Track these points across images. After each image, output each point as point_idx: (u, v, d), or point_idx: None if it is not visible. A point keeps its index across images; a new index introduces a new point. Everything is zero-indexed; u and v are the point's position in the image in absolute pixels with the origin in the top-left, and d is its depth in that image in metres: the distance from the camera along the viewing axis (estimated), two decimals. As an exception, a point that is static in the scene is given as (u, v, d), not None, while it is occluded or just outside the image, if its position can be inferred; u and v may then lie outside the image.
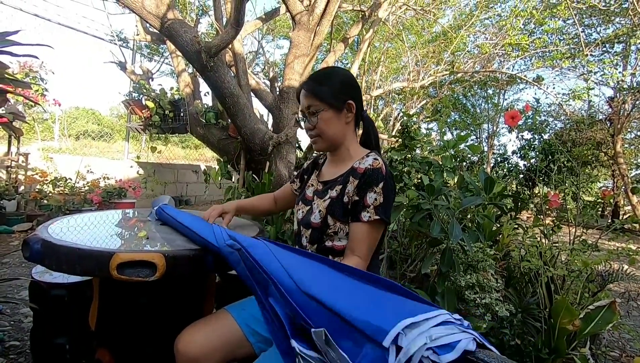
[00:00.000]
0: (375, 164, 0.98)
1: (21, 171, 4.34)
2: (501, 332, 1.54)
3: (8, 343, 1.66)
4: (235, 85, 2.98)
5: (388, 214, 0.98)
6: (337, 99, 1.03)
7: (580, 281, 1.63)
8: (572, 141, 6.64)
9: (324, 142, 1.06)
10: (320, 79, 1.06)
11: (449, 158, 1.87)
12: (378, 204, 0.96)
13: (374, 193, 0.96)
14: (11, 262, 2.87)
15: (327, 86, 1.04)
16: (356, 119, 1.09)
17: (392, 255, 2.08)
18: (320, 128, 1.04)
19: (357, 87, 1.09)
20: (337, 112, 1.04)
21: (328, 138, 1.05)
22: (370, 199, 0.96)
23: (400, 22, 6.62)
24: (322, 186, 1.10)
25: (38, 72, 4.27)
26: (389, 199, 0.97)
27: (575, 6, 5.14)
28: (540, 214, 2.18)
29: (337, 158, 1.10)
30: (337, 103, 1.03)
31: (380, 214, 0.95)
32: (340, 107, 1.04)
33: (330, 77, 1.06)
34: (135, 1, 2.52)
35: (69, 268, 0.87)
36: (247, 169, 3.44)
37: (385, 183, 0.97)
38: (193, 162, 9.10)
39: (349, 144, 1.08)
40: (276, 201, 1.33)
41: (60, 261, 0.87)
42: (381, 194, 0.96)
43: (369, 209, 0.96)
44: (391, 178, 1.01)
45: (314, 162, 1.23)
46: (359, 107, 1.08)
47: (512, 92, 12.30)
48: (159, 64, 6.70)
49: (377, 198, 0.96)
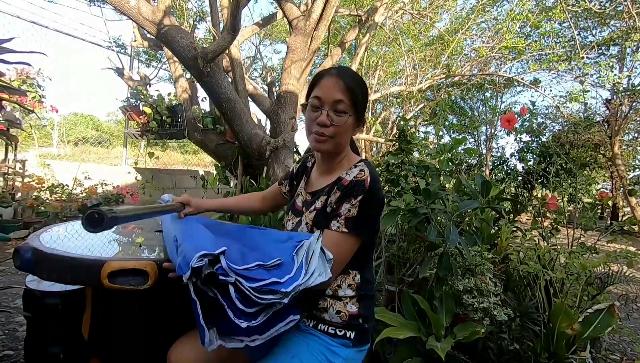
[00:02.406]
0: (359, 176, 0.91)
1: (18, 178, 4.33)
2: (500, 337, 1.52)
3: (2, 353, 1.64)
4: (232, 90, 2.98)
5: (359, 229, 0.89)
6: (361, 111, 0.99)
7: (579, 284, 1.62)
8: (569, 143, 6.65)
9: (332, 145, 0.97)
10: (357, 83, 0.97)
11: (445, 162, 1.87)
12: (350, 216, 0.89)
13: (349, 204, 0.89)
14: (7, 270, 2.85)
15: (362, 94, 0.97)
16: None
17: (390, 259, 2.07)
18: (337, 131, 0.95)
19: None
20: (355, 123, 0.99)
21: (339, 143, 0.98)
22: (344, 210, 0.89)
23: (397, 26, 6.66)
24: (310, 196, 1.06)
25: (35, 79, 4.27)
26: (364, 214, 0.89)
27: (570, 9, 5.17)
28: (538, 216, 2.17)
29: (329, 166, 1.04)
30: (360, 116, 0.99)
31: (349, 227, 0.88)
32: (359, 119, 1.00)
33: (363, 86, 0.99)
34: (132, 8, 2.52)
35: (60, 277, 0.86)
36: (244, 174, 3.43)
37: (364, 197, 0.89)
38: (192, 167, 9.09)
39: (343, 154, 1.04)
40: (264, 200, 1.30)
41: (50, 270, 0.86)
42: (356, 207, 0.89)
43: (340, 220, 0.90)
44: (374, 192, 0.91)
45: (303, 165, 1.18)
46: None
47: (510, 95, 12.36)
48: (156, 70, 6.71)
49: (351, 210, 0.89)
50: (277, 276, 0.75)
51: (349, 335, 0.91)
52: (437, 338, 1.43)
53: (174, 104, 4.16)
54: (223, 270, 0.70)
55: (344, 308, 0.92)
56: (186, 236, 0.85)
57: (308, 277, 0.77)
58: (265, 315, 0.73)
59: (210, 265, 0.70)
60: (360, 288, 0.95)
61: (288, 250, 0.86)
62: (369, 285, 0.98)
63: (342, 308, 0.92)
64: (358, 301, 0.94)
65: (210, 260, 0.71)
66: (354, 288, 0.94)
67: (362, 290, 0.95)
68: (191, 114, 3.93)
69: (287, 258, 0.83)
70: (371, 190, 0.90)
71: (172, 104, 4.17)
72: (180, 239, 0.83)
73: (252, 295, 0.70)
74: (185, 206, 1.12)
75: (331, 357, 0.88)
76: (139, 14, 2.57)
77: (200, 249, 0.72)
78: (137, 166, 5.81)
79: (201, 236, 0.85)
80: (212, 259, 0.71)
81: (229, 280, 0.70)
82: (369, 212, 0.91)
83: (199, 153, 10.22)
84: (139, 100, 4.36)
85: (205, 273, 0.69)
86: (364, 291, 0.95)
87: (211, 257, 0.71)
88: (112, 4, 2.51)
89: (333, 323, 0.91)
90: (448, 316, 1.53)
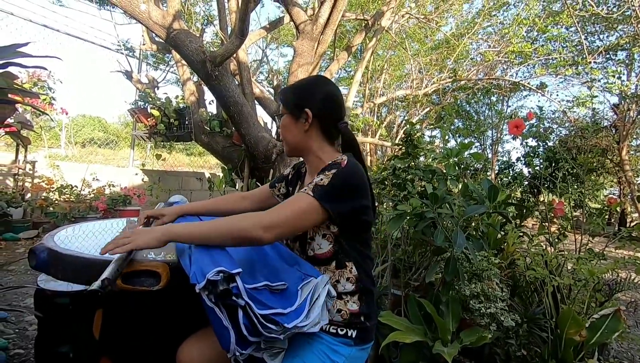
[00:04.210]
0: (337, 160, 0.96)
1: (28, 179, 4.39)
2: (507, 342, 1.52)
3: (13, 351, 1.66)
4: (240, 94, 3.01)
5: (324, 198, 0.88)
6: (297, 107, 1.04)
7: (587, 290, 1.61)
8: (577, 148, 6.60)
9: (286, 146, 1.09)
10: (293, 87, 1.11)
11: (452, 166, 1.87)
12: (320, 184, 0.89)
13: (323, 175, 0.92)
14: (17, 270, 2.89)
15: (293, 94, 1.07)
16: (326, 129, 1.06)
17: (396, 263, 2.07)
18: (281, 132, 1.08)
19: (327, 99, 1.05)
20: (294, 120, 1.05)
21: (288, 142, 1.08)
22: (317, 179, 0.91)
23: (403, 30, 6.67)
24: None
25: (46, 82, 4.34)
26: (334, 186, 0.89)
27: (577, 14, 5.15)
28: (545, 222, 2.16)
29: (311, 167, 1.09)
30: (295, 111, 1.04)
31: (315, 191, 0.88)
32: (297, 115, 1.04)
33: (300, 86, 1.10)
34: (143, 12, 2.56)
35: (74, 277, 0.88)
36: (250, 176, 3.46)
37: (338, 171, 0.91)
38: (197, 169, 9.15)
39: (319, 152, 1.05)
40: (248, 200, 1.27)
41: (65, 270, 0.88)
42: (329, 178, 0.90)
43: (310, 185, 0.90)
44: (349, 173, 0.93)
45: (298, 171, 1.21)
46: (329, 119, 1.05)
47: (516, 99, 12.29)
48: (164, 72, 6.78)
49: (323, 179, 0.90)
50: (282, 305, 0.79)
51: (351, 334, 0.91)
52: (444, 342, 1.43)
53: (181, 106, 4.20)
54: (237, 290, 0.73)
55: (344, 306, 0.93)
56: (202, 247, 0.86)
57: (307, 322, 0.80)
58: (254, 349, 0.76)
59: (225, 281, 0.72)
60: (359, 281, 0.95)
61: (293, 278, 0.90)
62: (368, 279, 0.99)
63: (343, 307, 0.93)
64: (359, 298, 0.95)
65: (226, 277, 0.73)
66: (353, 282, 0.95)
67: (362, 283, 0.95)
68: (198, 117, 3.96)
69: (292, 286, 0.86)
70: (347, 171, 0.93)
71: (180, 106, 4.21)
72: (194, 248, 0.85)
73: (258, 323, 0.73)
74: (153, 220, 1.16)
75: (333, 356, 0.89)
76: (149, 18, 2.61)
77: (217, 264, 0.74)
78: (144, 168, 5.86)
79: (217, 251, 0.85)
80: (228, 276, 0.73)
81: (240, 303, 0.72)
82: (341, 186, 0.91)
83: (205, 155, 10.29)
84: (147, 103, 4.41)
85: (220, 288, 0.71)
86: (364, 284, 0.96)
87: (227, 274, 0.73)
88: (123, 8, 2.55)
89: (334, 323, 0.92)
90: (454, 321, 1.53)
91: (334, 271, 0.96)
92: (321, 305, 0.84)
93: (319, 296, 0.85)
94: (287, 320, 0.77)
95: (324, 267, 0.97)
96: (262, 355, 0.79)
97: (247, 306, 0.72)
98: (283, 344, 0.80)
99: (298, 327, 0.78)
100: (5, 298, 2.20)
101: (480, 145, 13.81)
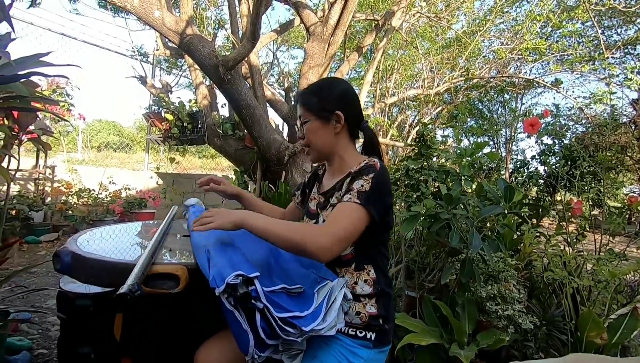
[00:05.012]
0: (370, 163, 0.97)
1: (48, 183, 4.52)
2: (525, 345, 1.49)
3: (36, 352, 1.71)
4: (252, 97, 3.04)
5: (370, 203, 0.90)
6: (325, 110, 1.03)
7: (607, 292, 1.58)
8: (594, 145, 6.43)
9: (313, 152, 1.08)
10: (312, 91, 1.08)
11: (467, 166, 1.85)
12: (363, 190, 0.91)
13: (362, 180, 0.93)
14: (39, 272, 2.98)
15: (317, 97, 1.05)
16: (351, 130, 1.08)
17: (409, 264, 2.06)
18: (308, 138, 1.06)
19: (349, 99, 1.07)
20: (324, 123, 1.04)
21: (316, 148, 1.06)
22: (357, 185, 0.93)
23: (413, 29, 6.62)
24: (323, 198, 1.09)
25: (64, 88, 4.46)
26: (376, 191, 0.91)
27: (594, 8, 5.03)
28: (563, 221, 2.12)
29: (334, 168, 1.10)
30: (324, 114, 1.03)
31: (361, 199, 0.90)
32: (328, 118, 1.03)
33: (321, 89, 1.08)
34: (157, 19, 2.61)
35: (97, 280, 0.91)
36: (263, 179, 3.48)
37: (376, 174, 0.93)
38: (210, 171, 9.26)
39: (343, 153, 1.07)
40: (287, 217, 1.32)
41: (88, 274, 0.91)
42: (369, 183, 0.92)
43: (352, 193, 0.91)
44: (385, 176, 0.95)
45: (314, 174, 1.23)
46: (354, 119, 1.07)
47: (530, 96, 12.08)
48: (177, 77, 6.89)
49: (364, 185, 0.92)
50: (299, 308, 0.79)
51: (370, 337, 0.92)
52: (460, 345, 1.41)
53: (194, 110, 4.26)
54: (256, 294, 0.74)
55: (363, 309, 0.93)
56: (218, 249, 0.88)
57: (324, 325, 0.80)
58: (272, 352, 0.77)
59: (244, 284, 0.74)
60: (377, 283, 0.96)
61: (308, 281, 0.91)
62: (386, 280, 0.99)
63: (362, 309, 0.93)
64: (377, 301, 0.95)
65: (245, 280, 0.74)
66: (371, 284, 0.95)
67: (380, 285, 0.96)
68: (211, 120, 4.02)
69: (308, 289, 0.87)
70: (382, 173, 0.94)
71: (193, 110, 4.27)
72: (212, 251, 0.86)
73: (276, 326, 0.73)
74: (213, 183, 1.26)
75: (352, 358, 0.89)
76: (163, 25, 2.66)
77: (236, 268, 0.75)
78: (158, 171, 5.97)
79: (235, 254, 0.88)
80: (247, 279, 0.75)
81: (258, 306, 0.74)
82: (382, 190, 0.93)
83: (216, 157, 10.41)
84: (161, 107, 4.49)
85: (240, 292, 0.72)
86: (382, 287, 0.96)
87: (246, 278, 0.75)
88: (138, 15, 2.61)
89: (353, 325, 0.92)
90: (471, 323, 1.51)
91: (352, 273, 0.97)
92: (337, 309, 0.85)
93: (335, 300, 0.86)
94: (304, 323, 0.77)
95: (344, 269, 0.98)
96: (280, 356, 0.80)
97: (266, 309, 0.73)
98: (301, 345, 0.81)
99: (315, 330, 0.79)
100: (28, 300, 2.27)
101: (494, 143, 13.60)
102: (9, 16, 1.17)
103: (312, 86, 1.12)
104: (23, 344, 1.70)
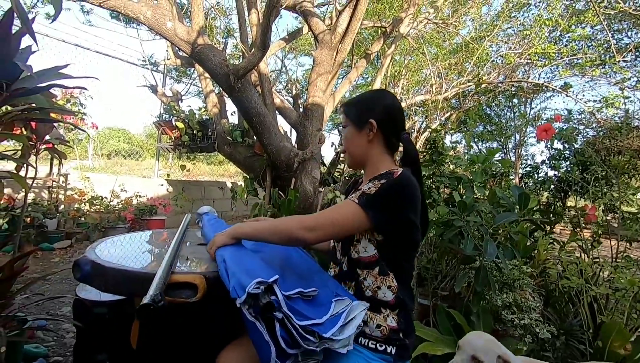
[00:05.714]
0: (391, 170, 1.00)
1: (61, 191, 4.59)
2: (543, 355, 1.47)
3: (52, 359, 1.73)
4: (262, 105, 3.06)
5: (369, 206, 0.91)
6: (359, 118, 1.08)
7: (626, 300, 1.54)
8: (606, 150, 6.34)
9: (349, 157, 1.13)
10: (354, 100, 1.15)
11: (479, 173, 1.84)
12: (367, 192, 0.93)
13: (372, 184, 0.96)
14: (53, 279, 3.02)
15: (356, 106, 1.12)
16: (388, 140, 1.08)
17: (421, 272, 2.04)
18: (344, 144, 1.12)
19: (387, 109, 1.08)
20: (358, 131, 1.08)
21: (351, 153, 1.11)
22: (365, 187, 0.96)
23: (420, 35, 6.64)
24: None
25: (78, 98, 4.56)
26: (382, 196, 0.92)
27: (603, 12, 4.99)
28: (577, 228, 2.09)
29: (366, 176, 1.11)
30: (358, 121, 1.08)
31: (360, 200, 0.92)
32: (361, 126, 1.07)
33: (361, 98, 1.14)
34: (169, 30, 2.66)
35: (117, 289, 0.92)
36: (273, 185, 3.49)
37: (388, 182, 0.94)
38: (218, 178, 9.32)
39: (376, 161, 1.07)
40: None
41: (108, 283, 0.92)
42: (377, 186, 0.93)
43: (357, 193, 0.95)
44: (401, 185, 0.94)
45: (354, 181, 1.27)
46: (391, 129, 1.07)
47: (539, 101, 11.94)
48: (187, 85, 6.98)
49: (371, 188, 0.94)
50: (317, 315, 0.80)
51: (390, 351, 0.91)
52: (476, 354, 1.39)
53: (204, 118, 4.31)
54: (278, 303, 0.74)
55: (384, 322, 0.93)
56: (234, 258, 0.89)
57: (340, 337, 0.80)
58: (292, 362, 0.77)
59: (265, 293, 0.74)
60: (399, 291, 0.95)
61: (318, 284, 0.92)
62: (407, 291, 0.99)
63: (383, 322, 0.93)
64: (398, 314, 0.94)
65: (265, 288, 0.75)
66: (394, 291, 0.95)
67: (401, 295, 0.95)
68: (221, 128, 4.06)
69: (322, 295, 0.88)
70: (398, 182, 0.95)
71: (203, 118, 4.32)
72: (228, 260, 0.87)
73: (297, 335, 0.73)
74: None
75: None
76: (175, 35, 2.71)
77: (254, 275, 0.76)
78: (168, 178, 6.03)
79: (251, 261, 0.89)
80: (267, 287, 0.75)
81: (277, 316, 0.74)
82: (389, 197, 0.93)
83: (224, 164, 10.48)
84: (172, 115, 4.55)
85: (262, 302, 0.73)
86: (403, 296, 0.96)
87: (266, 285, 0.75)
88: (151, 26, 2.66)
89: (374, 337, 0.92)
90: (486, 332, 1.49)
91: (376, 276, 0.97)
92: (355, 327, 0.85)
93: (354, 318, 0.86)
94: (323, 329, 0.77)
95: (367, 271, 0.98)
96: None
97: (287, 318, 0.73)
98: (319, 356, 0.81)
99: (332, 339, 0.78)
100: (43, 307, 2.30)
101: (503, 148, 13.46)
102: (32, 30, 1.20)
103: (358, 96, 1.18)
104: (39, 351, 1.72)
